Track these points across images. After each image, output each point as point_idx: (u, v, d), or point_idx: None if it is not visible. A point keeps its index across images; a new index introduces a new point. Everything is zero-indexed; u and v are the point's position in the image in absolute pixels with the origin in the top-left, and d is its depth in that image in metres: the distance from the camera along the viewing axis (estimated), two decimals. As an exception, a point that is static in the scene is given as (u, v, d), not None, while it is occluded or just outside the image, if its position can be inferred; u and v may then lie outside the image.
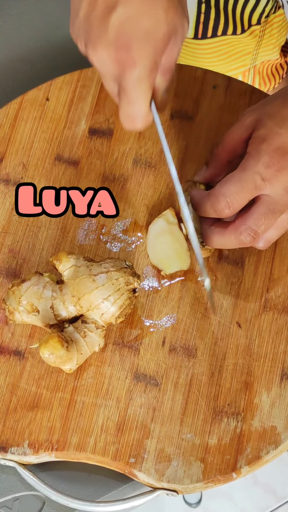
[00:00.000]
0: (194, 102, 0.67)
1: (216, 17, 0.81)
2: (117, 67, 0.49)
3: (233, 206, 0.53)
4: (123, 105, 0.51)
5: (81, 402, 0.57)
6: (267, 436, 0.55)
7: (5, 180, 0.64)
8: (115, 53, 0.48)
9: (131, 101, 0.50)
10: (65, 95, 0.67)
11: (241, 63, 0.87)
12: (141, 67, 0.48)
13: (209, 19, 0.81)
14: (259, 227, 0.53)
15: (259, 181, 0.52)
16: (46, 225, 0.63)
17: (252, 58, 0.87)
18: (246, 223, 0.53)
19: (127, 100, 0.50)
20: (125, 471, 0.55)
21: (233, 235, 0.54)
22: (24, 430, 0.56)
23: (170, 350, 0.58)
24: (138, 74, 0.48)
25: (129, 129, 0.52)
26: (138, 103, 0.50)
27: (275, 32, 0.85)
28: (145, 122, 0.51)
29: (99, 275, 0.54)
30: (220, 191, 0.53)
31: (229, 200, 0.53)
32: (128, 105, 0.50)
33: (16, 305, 0.55)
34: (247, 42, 0.84)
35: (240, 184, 0.52)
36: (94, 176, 0.64)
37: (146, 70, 0.49)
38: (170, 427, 0.56)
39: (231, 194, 0.53)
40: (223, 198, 0.53)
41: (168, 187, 0.63)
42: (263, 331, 0.58)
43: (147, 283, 0.60)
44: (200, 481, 0.54)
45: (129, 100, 0.50)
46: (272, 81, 0.93)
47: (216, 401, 0.56)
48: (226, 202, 0.53)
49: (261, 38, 0.84)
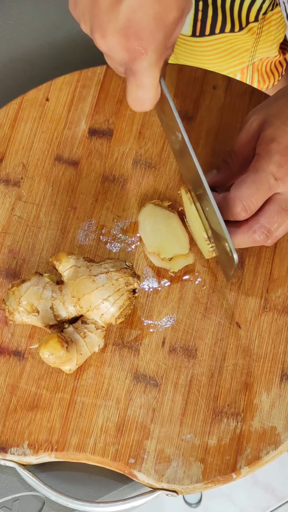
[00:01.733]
0: (194, 103, 0.67)
1: (213, 14, 0.81)
2: (128, 54, 0.49)
3: (250, 209, 0.53)
4: (132, 88, 0.51)
5: (80, 402, 0.57)
6: (267, 437, 0.55)
7: (5, 180, 0.64)
8: (126, 41, 0.48)
9: (141, 85, 0.50)
10: (65, 96, 0.67)
11: (239, 60, 0.87)
12: (152, 55, 0.49)
13: (206, 17, 0.81)
14: (272, 225, 0.54)
15: (273, 181, 0.52)
16: (46, 226, 0.63)
17: (251, 56, 0.87)
18: (259, 222, 0.54)
19: (137, 84, 0.50)
20: (125, 472, 0.55)
21: (246, 234, 0.54)
22: (24, 430, 0.56)
23: (170, 351, 0.58)
24: (149, 61, 0.49)
25: (138, 110, 0.53)
26: (148, 87, 0.50)
27: (273, 29, 0.85)
28: (154, 102, 0.52)
29: (99, 276, 0.54)
30: (236, 194, 0.53)
31: (245, 204, 0.53)
32: (138, 89, 0.51)
33: (16, 305, 0.55)
34: (245, 40, 0.84)
35: (255, 186, 0.52)
36: (94, 177, 0.64)
37: (156, 56, 0.49)
38: (170, 427, 0.56)
39: (247, 197, 0.53)
40: (239, 202, 0.53)
41: (168, 188, 0.63)
42: (263, 331, 0.58)
43: (147, 284, 0.60)
44: (200, 481, 0.54)
45: (139, 84, 0.50)
46: (272, 78, 0.92)
47: (216, 401, 0.56)
48: (243, 206, 0.53)
49: (259, 35, 0.84)
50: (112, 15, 0.48)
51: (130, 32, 0.48)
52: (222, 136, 0.65)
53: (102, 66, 0.68)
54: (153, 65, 0.49)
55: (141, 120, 0.66)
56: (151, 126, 0.66)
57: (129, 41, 0.48)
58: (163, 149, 0.65)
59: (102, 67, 0.68)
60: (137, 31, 0.48)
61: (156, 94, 0.51)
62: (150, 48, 0.48)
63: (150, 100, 0.52)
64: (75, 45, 0.76)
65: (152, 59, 0.49)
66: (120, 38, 0.48)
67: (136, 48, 0.48)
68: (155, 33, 0.48)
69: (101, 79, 0.68)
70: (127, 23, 0.48)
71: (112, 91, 0.67)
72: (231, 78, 0.67)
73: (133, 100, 0.52)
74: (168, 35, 0.49)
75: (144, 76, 0.50)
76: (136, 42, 0.48)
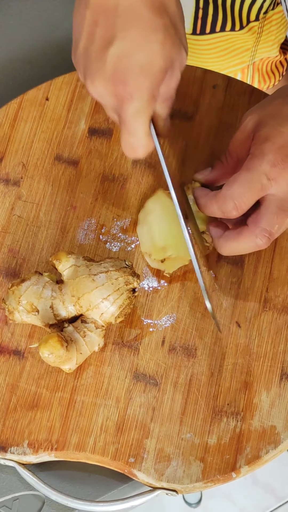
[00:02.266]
0: (194, 102, 0.67)
1: (214, 12, 0.81)
2: (116, 100, 0.51)
3: (241, 208, 0.53)
4: (123, 135, 0.53)
5: (80, 401, 0.57)
6: (267, 436, 0.55)
7: (4, 179, 0.64)
8: (113, 87, 0.50)
9: (131, 132, 0.52)
10: (64, 95, 0.68)
11: (240, 59, 0.87)
12: (138, 100, 0.50)
13: (207, 15, 0.81)
14: (273, 227, 0.54)
15: (265, 181, 0.52)
16: (46, 225, 0.63)
17: (251, 55, 0.87)
18: (260, 225, 0.53)
19: (127, 131, 0.52)
20: (125, 471, 0.55)
21: (248, 239, 0.54)
22: (24, 429, 0.56)
23: (170, 350, 0.58)
24: (136, 107, 0.50)
25: (131, 157, 0.54)
26: (138, 134, 0.52)
27: (274, 29, 0.85)
28: (145, 150, 0.54)
29: (98, 275, 0.54)
30: (227, 193, 0.53)
31: (236, 202, 0.53)
32: (129, 136, 0.52)
33: (15, 304, 0.55)
34: (245, 39, 0.84)
35: (247, 185, 0.52)
36: (93, 176, 0.64)
37: (143, 102, 0.50)
38: (169, 426, 0.56)
39: (239, 196, 0.53)
40: (230, 200, 0.53)
41: (168, 187, 0.63)
42: (262, 330, 0.58)
43: (147, 283, 0.60)
44: (200, 480, 0.54)
45: (129, 131, 0.52)
46: (272, 79, 0.92)
47: (216, 400, 0.56)
48: (234, 204, 0.53)
49: (260, 34, 0.84)
50: (100, 63, 0.50)
51: (116, 79, 0.49)
52: (222, 136, 0.65)
53: (102, 65, 0.68)
54: (140, 111, 0.50)
55: (140, 119, 0.66)
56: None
57: (115, 87, 0.50)
58: (163, 148, 0.65)
59: (102, 66, 0.68)
60: (123, 77, 0.49)
61: (147, 142, 0.53)
62: (136, 94, 0.50)
63: (142, 148, 0.53)
64: (75, 45, 0.76)
65: (139, 105, 0.50)
66: (108, 84, 0.50)
67: (122, 93, 0.50)
68: (140, 80, 0.49)
69: (101, 78, 0.68)
70: (113, 70, 0.49)
71: (112, 90, 0.67)
72: (231, 78, 0.67)
73: (126, 147, 0.53)
74: (155, 83, 0.50)
75: (132, 123, 0.51)
76: (122, 88, 0.50)
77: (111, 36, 0.49)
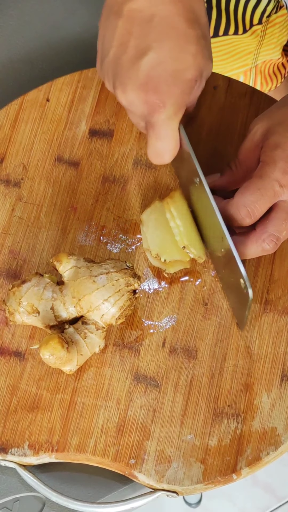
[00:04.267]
0: (195, 103, 0.67)
1: (217, 17, 0.81)
2: (146, 107, 0.52)
3: (254, 215, 0.53)
4: (151, 141, 0.54)
5: (81, 403, 0.57)
6: (267, 437, 0.55)
7: (5, 181, 0.64)
8: (145, 95, 0.51)
9: (160, 137, 0.53)
10: (65, 96, 0.67)
11: (242, 62, 0.87)
12: (170, 108, 0.51)
13: (210, 19, 0.81)
14: (280, 233, 0.54)
15: (278, 188, 0.53)
16: (47, 226, 0.63)
17: (254, 58, 0.87)
18: (267, 230, 0.54)
19: (156, 136, 0.53)
20: (125, 472, 0.55)
21: (256, 244, 0.54)
22: (24, 431, 0.56)
23: (170, 351, 0.58)
24: (167, 114, 0.52)
25: (156, 163, 0.56)
26: (167, 140, 0.53)
27: (277, 32, 0.85)
28: (173, 154, 0.55)
29: (99, 276, 0.54)
30: (240, 200, 0.53)
31: (250, 210, 0.53)
32: (157, 141, 0.53)
33: (16, 306, 0.55)
34: (248, 42, 0.84)
35: (259, 192, 0.53)
36: (94, 177, 0.64)
37: (174, 110, 0.52)
38: (170, 428, 0.56)
39: (251, 203, 0.53)
40: (243, 208, 0.53)
41: (168, 188, 0.63)
42: (263, 332, 0.58)
43: (147, 284, 0.60)
44: (200, 482, 0.54)
45: (158, 137, 0.53)
46: (274, 81, 0.92)
47: (216, 402, 0.56)
48: (247, 212, 0.53)
49: (263, 37, 0.84)
50: (132, 72, 0.51)
51: (149, 87, 0.51)
52: (223, 136, 0.65)
53: (102, 66, 0.68)
54: (171, 117, 0.52)
55: (141, 120, 0.66)
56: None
57: (147, 95, 0.51)
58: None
59: (103, 67, 0.68)
60: (156, 86, 0.51)
61: (175, 146, 0.54)
62: (168, 101, 0.51)
63: (169, 152, 0.54)
64: (76, 46, 0.76)
65: (170, 112, 0.52)
66: (140, 92, 0.51)
67: (155, 101, 0.51)
68: (173, 88, 0.51)
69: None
70: (146, 78, 0.51)
71: (112, 91, 0.67)
72: (231, 79, 0.67)
73: (153, 152, 0.54)
74: (186, 91, 0.52)
75: (163, 129, 0.52)
76: (154, 96, 0.51)
77: (146, 46, 0.51)
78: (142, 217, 0.60)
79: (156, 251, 0.58)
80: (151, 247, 0.59)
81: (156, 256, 0.58)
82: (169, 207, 0.58)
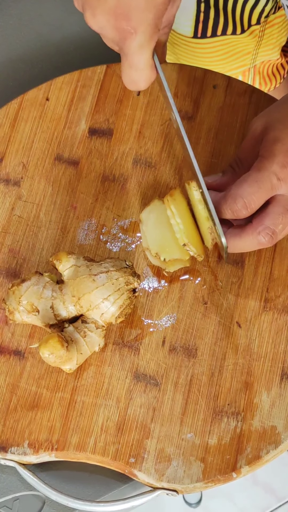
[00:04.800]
0: (194, 102, 0.67)
1: (215, 16, 0.81)
2: (118, 34, 0.49)
3: (251, 207, 0.53)
4: (125, 69, 0.51)
5: (81, 402, 0.57)
6: (267, 436, 0.55)
7: (5, 180, 0.64)
8: (115, 21, 0.48)
9: (133, 65, 0.50)
10: (65, 95, 0.67)
11: (240, 63, 0.87)
12: (142, 35, 0.48)
13: (208, 19, 0.81)
14: (276, 226, 0.54)
15: (275, 181, 0.52)
16: (46, 225, 0.63)
17: (252, 58, 0.87)
18: (263, 223, 0.54)
19: (129, 64, 0.50)
20: (125, 471, 0.55)
21: (251, 236, 0.54)
22: (24, 430, 0.56)
23: (170, 350, 0.58)
24: (139, 41, 0.49)
25: (132, 89, 0.53)
26: (141, 67, 0.50)
27: (275, 32, 0.85)
28: (148, 82, 0.52)
29: (99, 275, 0.54)
30: (237, 192, 0.53)
31: (246, 201, 0.53)
32: (131, 69, 0.51)
33: (16, 305, 0.55)
34: (246, 42, 0.84)
35: (256, 184, 0.52)
36: (94, 176, 0.64)
37: (146, 36, 0.49)
38: (170, 427, 0.56)
39: (248, 195, 0.53)
40: (240, 199, 0.53)
41: (168, 187, 0.63)
42: (263, 331, 0.58)
43: (147, 283, 0.60)
44: (200, 481, 0.54)
45: (132, 65, 0.50)
46: (273, 81, 0.92)
47: (216, 401, 0.56)
48: (244, 203, 0.53)
49: (261, 38, 0.84)
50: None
51: (119, 12, 0.48)
52: (222, 136, 0.65)
53: (102, 65, 0.68)
54: (143, 45, 0.49)
55: (141, 119, 0.66)
56: (151, 126, 0.66)
57: (118, 21, 0.48)
58: (163, 148, 0.65)
59: (102, 66, 0.68)
60: (126, 11, 0.47)
61: (149, 75, 0.51)
62: (140, 28, 0.48)
63: (144, 81, 0.52)
64: (75, 45, 0.76)
65: (142, 39, 0.49)
66: (110, 17, 0.48)
67: (125, 28, 0.48)
68: (144, 14, 0.48)
69: (101, 78, 0.68)
70: (116, 2, 0.47)
71: (112, 90, 0.67)
72: (231, 78, 0.67)
73: (128, 80, 0.52)
74: (159, 15, 0.49)
75: (135, 57, 0.50)
76: (124, 23, 0.48)
77: None
78: (142, 216, 0.60)
79: (156, 250, 0.58)
80: (151, 246, 0.59)
81: (156, 255, 0.58)
82: (169, 204, 0.58)
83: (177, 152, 0.65)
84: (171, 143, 0.65)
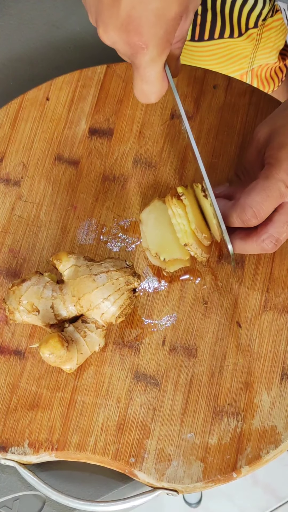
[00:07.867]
0: (194, 102, 0.67)
1: (213, 19, 0.81)
2: (129, 49, 0.50)
3: (260, 216, 0.53)
4: (137, 82, 0.52)
5: (81, 401, 0.57)
6: (267, 436, 0.55)
7: (5, 180, 0.64)
8: (126, 37, 0.49)
9: (144, 79, 0.51)
10: (65, 95, 0.67)
11: (238, 66, 0.87)
12: (153, 49, 0.49)
13: (206, 22, 0.81)
14: (281, 235, 0.54)
15: (283, 188, 0.52)
16: (46, 225, 0.63)
17: (250, 62, 0.87)
18: (268, 231, 0.54)
19: (141, 78, 0.51)
20: (125, 471, 0.55)
21: (255, 243, 0.55)
22: (24, 429, 0.56)
23: (170, 350, 0.58)
24: (150, 55, 0.49)
25: (143, 102, 0.53)
26: (152, 81, 0.51)
27: (273, 36, 0.85)
28: (159, 95, 0.53)
29: (99, 275, 0.54)
30: (246, 201, 0.53)
31: (255, 210, 0.53)
32: (142, 83, 0.51)
33: (16, 304, 0.55)
34: (244, 46, 0.84)
35: (265, 193, 0.53)
36: (94, 176, 0.64)
37: (158, 51, 0.49)
38: (170, 426, 0.56)
39: (257, 204, 0.53)
40: (249, 209, 0.53)
41: (168, 187, 0.63)
42: (263, 330, 0.58)
43: (147, 283, 0.60)
44: (200, 480, 0.54)
45: (143, 78, 0.51)
46: (271, 84, 0.92)
47: (216, 400, 0.56)
48: (253, 212, 0.53)
49: (258, 41, 0.84)
50: (113, 11, 0.48)
51: (130, 28, 0.48)
52: (223, 136, 0.65)
53: (102, 65, 0.68)
54: (154, 59, 0.50)
55: (141, 119, 0.66)
56: (151, 126, 0.66)
57: (129, 36, 0.49)
58: (163, 148, 0.65)
59: (102, 66, 0.68)
60: (137, 26, 0.48)
61: (160, 88, 0.52)
62: (151, 43, 0.49)
63: (155, 94, 0.52)
64: (75, 45, 0.76)
65: (153, 53, 0.49)
66: (121, 33, 0.49)
67: (137, 43, 0.49)
68: (155, 29, 0.48)
69: (101, 78, 0.68)
70: (127, 18, 0.48)
71: (112, 90, 0.67)
72: (231, 78, 0.67)
73: (139, 93, 0.52)
74: (170, 30, 0.49)
75: (147, 71, 0.50)
76: (136, 38, 0.48)
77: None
78: (142, 216, 0.60)
79: (156, 250, 0.58)
80: (151, 246, 0.59)
81: (156, 255, 0.58)
82: (171, 204, 0.58)
83: (177, 152, 0.65)
84: (171, 143, 0.65)
